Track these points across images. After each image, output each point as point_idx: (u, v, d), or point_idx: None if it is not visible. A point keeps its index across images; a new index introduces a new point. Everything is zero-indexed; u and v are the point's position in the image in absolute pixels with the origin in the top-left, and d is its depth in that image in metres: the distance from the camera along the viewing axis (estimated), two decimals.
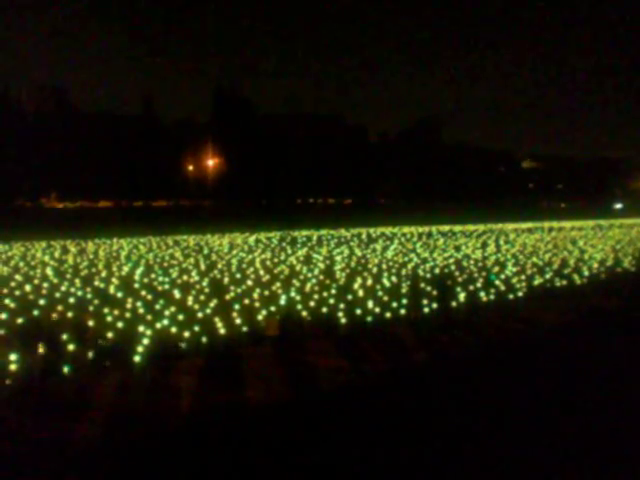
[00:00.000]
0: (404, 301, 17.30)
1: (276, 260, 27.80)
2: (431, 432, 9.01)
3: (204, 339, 13.32)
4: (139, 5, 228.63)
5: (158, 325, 14.18)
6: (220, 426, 9.18)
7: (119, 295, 18.29)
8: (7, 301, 17.09)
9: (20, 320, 14.61)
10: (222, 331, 13.83)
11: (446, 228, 56.77)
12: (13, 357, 11.38)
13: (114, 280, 21.23)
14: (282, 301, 17.02)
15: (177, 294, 18.29)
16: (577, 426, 9.24)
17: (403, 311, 16.58)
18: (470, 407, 10.02)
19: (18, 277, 21.88)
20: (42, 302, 17.05)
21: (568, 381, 11.42)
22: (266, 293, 18.62)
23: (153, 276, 22.26)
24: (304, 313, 15.82)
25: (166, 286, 20.02)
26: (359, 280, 21.05)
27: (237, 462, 7.99)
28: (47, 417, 9.39)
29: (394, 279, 21.63)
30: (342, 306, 16.36)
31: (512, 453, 8.29)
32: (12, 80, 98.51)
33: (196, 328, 13.82)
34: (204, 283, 20.52)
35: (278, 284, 20.23)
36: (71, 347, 12.24)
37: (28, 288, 19.43)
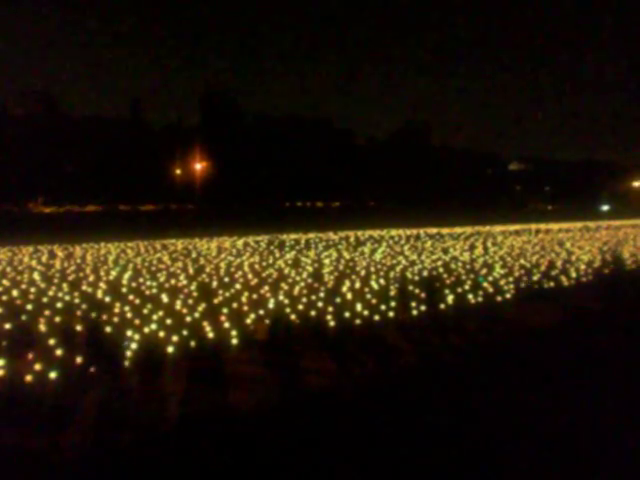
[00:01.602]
0: (393, 303, 17.35)
1: (264, 264, 27.78)
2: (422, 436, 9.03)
3: (191, 343, 13.29)
4: (127, 9, 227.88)
5: (146, 330, 14.14)
6: (205, 431, 9.14)
7: (106, 299, 18.22)
8: None
9: (8, 325, 14.53)
10: (210, 335, 13.82)
11: (434, 230, 56.93)
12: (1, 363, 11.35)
13: (101, 284, 21.16)
14: (271, 305, 17.03)
15: (165, 298, 18.25)
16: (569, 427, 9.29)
17: (392, 313, 16.61)
18: (459, 409, 10.05)
19: (5, 282, 21.75)
20: (30, 307, 16.97)
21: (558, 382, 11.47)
22: (254, 297, 18.61)
23: (141, 280, 22.20)
24: (293, 317, 15.83)
25: (153, 290, 19.96)
26: (347, 283, 21.08)
27: (223, 467, 7.98)
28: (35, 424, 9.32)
29: (382, 282, 21.67)
30: (331, 309, 16.38)
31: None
32: None
33: (184, 332, 13.80)
34: (192, 287, 20.48)
35: (267, 288, 20.23)
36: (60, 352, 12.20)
37: (15, 293, 19.33)
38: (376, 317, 16.05)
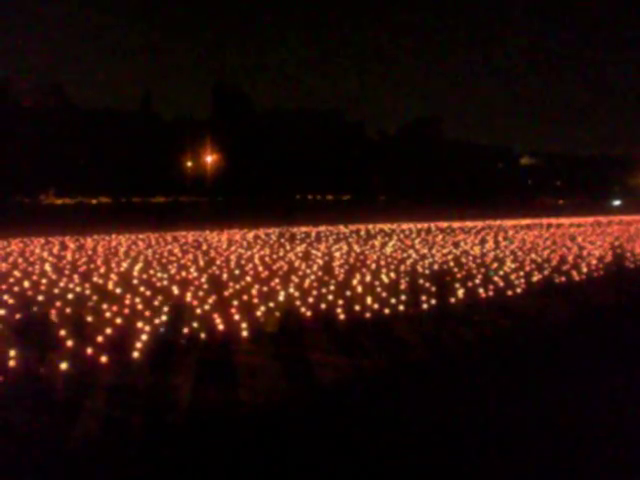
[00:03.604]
0: (403, 297, 17.31)
1: (275, 256, 27.78)
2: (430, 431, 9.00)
3: (202, 335, 13.31)
4: (138, 2, 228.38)
5: (156, 321, 14.17)
6: (215, 425, 9.15)
7: (117, 291, 18.27)
8: (5, 297, 17.05)
9: (18, 316, 14.58)
10: (220, 327, 13.82)
11: (445, 224, 56.75)
12: (12, 353, 11.41)
13: (112, 276, 21.22)
14: (281, 297, 17.01)
15: (175, 290, 18.28)
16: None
17: (402, 307, 16.57)
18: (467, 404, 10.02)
19: (17, 273, 21.85)
20: (41, 298, 17.04)
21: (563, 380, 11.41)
22: (265, 289, 18.60)
23: (152, 272, 22.25)
24: (303, 309, 15.81)
25: (164, 282, 20.00)
26: (358, 276, 21.05)
27: (231, 463, 7.99)
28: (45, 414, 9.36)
29: (393, 275, 21.62)
30: (341, 302, 16.36)
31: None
32: (10, 76, 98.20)
33: (194, 324, 13.83)
34: (202, 279, 20.49)
35: (277, 280, 20.21)
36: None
37: (27, 284, 19.41)
38: (386, 310, 16.03)
